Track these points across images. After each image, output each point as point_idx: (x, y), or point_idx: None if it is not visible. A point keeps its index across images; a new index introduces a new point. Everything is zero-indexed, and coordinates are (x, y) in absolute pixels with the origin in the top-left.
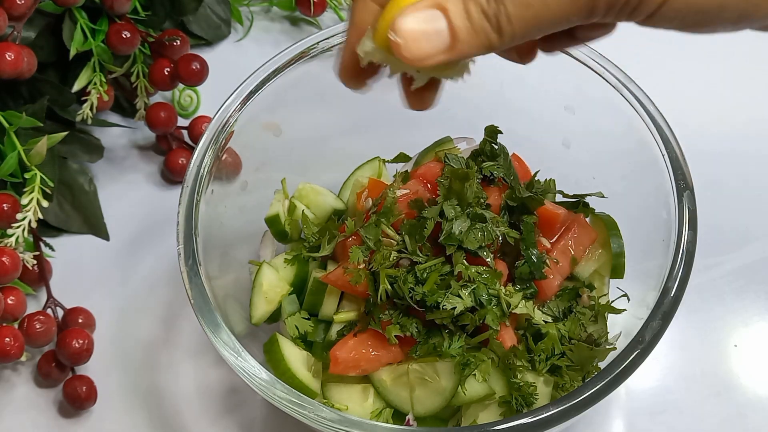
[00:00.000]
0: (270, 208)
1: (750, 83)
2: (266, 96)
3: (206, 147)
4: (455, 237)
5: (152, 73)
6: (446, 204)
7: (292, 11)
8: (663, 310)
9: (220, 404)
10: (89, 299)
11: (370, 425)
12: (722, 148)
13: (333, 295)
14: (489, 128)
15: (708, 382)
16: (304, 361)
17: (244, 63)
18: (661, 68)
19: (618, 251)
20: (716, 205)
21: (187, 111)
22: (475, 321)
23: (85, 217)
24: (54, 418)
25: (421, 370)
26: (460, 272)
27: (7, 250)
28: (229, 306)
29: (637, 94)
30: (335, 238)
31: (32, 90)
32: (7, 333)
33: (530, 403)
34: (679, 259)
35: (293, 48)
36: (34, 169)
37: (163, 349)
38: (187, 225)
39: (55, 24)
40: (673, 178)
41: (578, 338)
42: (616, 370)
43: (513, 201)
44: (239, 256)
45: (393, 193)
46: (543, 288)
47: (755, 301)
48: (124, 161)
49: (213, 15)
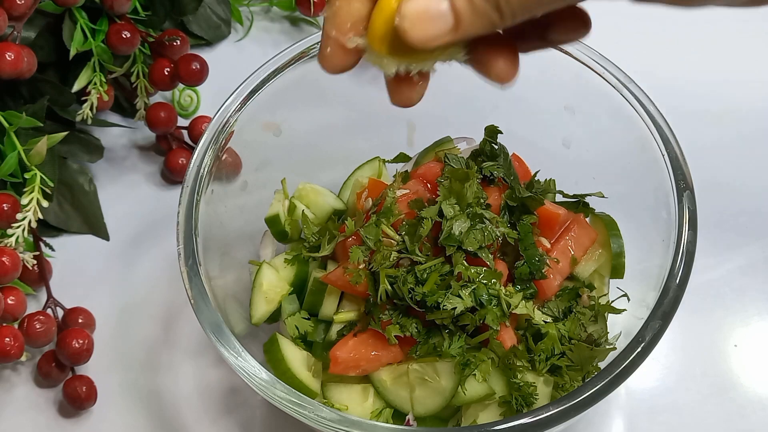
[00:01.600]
0: (270, 208)
1: (751, 83)
2: (266, 96)
3: (206, 147)
4: (455, 237)
5: (152, 73)
6: (445, 204)
7: (292, 11)
8: (663, 310)
9: (220, 404)
10: (89, 299)
11: (370, 425)
12: (722, 148)
13: (333, 295)
14: (489, 128)
15: (708, 382)
16: (304, 361)
17: (244, 63)
18: (662, 68)
19: (618, 251)
20: (716, 205)
21: (187, 111)
22: (476, 321)
23: (85, 217)
24: (54, 418)
25: (421, 370)
26: (460, 272)
27: (7, 250)
28: (229, 306)
29: (637, 94)
30: (335, 238)
31: (32, 90)
32: (7, 333)
33: (530, 403)
34: (679, 259)
35: (293, 48)
36: (34, 169)
37: (163, 349)
38: (187, 225)
39: (55, 24)
40: (673, 178)
41: (578, 338)
42: (616, 370)
43: (513, 201)
44: (239, 256)
45: (393, 193)
46: (543, 288)
47: (755, 301)
48: (124, 161)
49: (213, 15)
